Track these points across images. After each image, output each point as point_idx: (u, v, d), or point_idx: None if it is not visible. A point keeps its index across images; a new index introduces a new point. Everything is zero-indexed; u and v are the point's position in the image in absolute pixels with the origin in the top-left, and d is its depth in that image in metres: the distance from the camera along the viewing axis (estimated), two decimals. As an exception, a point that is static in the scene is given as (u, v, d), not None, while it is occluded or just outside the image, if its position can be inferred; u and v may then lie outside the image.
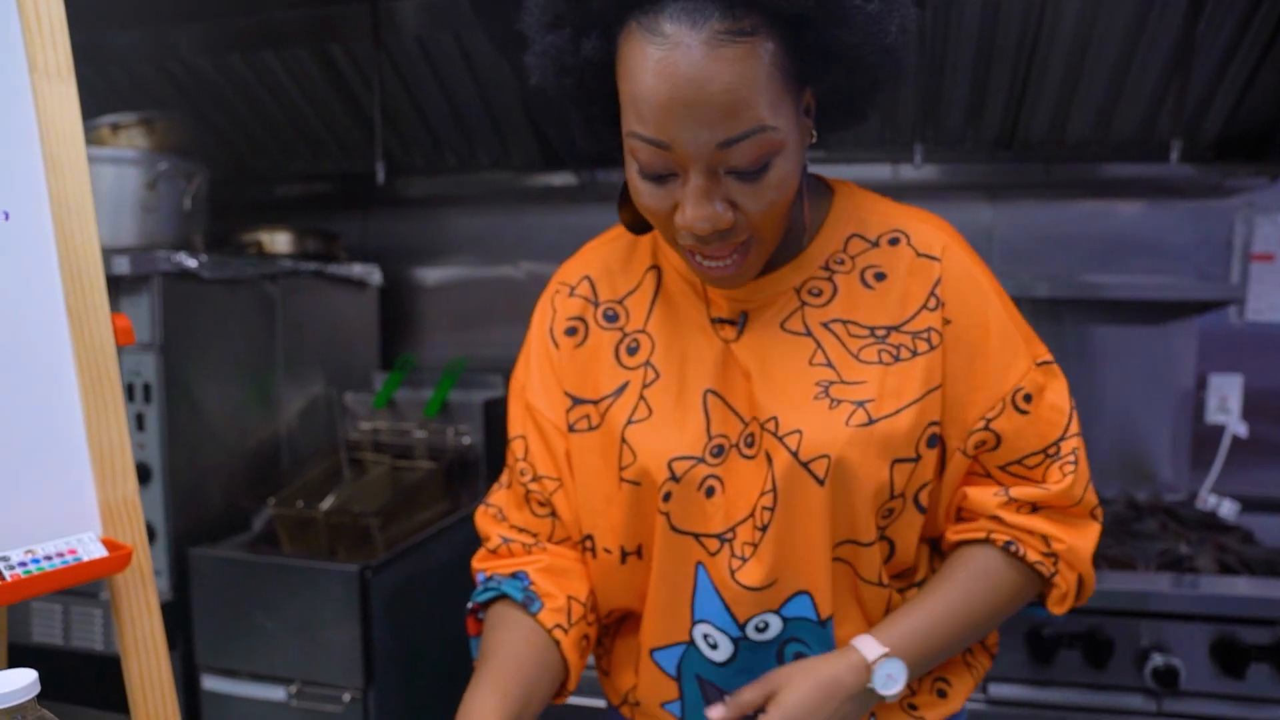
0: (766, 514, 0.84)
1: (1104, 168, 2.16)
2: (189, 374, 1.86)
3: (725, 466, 0.86)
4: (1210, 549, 1.75)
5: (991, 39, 1.93)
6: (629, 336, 0.93)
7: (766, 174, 0.76)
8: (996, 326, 0.88)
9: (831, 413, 0.83)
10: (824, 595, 0.86)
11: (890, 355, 0.86)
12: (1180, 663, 1.51)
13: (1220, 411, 2.22)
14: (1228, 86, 1.96)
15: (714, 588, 0.87)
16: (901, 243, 0.89)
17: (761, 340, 0.88)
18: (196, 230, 2.04)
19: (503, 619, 0.92)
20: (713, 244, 0.79)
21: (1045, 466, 0.89)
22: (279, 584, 1.77)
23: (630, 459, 0.87)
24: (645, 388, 0.90)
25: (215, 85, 2.29)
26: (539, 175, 2.35)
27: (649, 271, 0.95)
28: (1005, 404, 0.87)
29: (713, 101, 0.71)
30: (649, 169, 0.77)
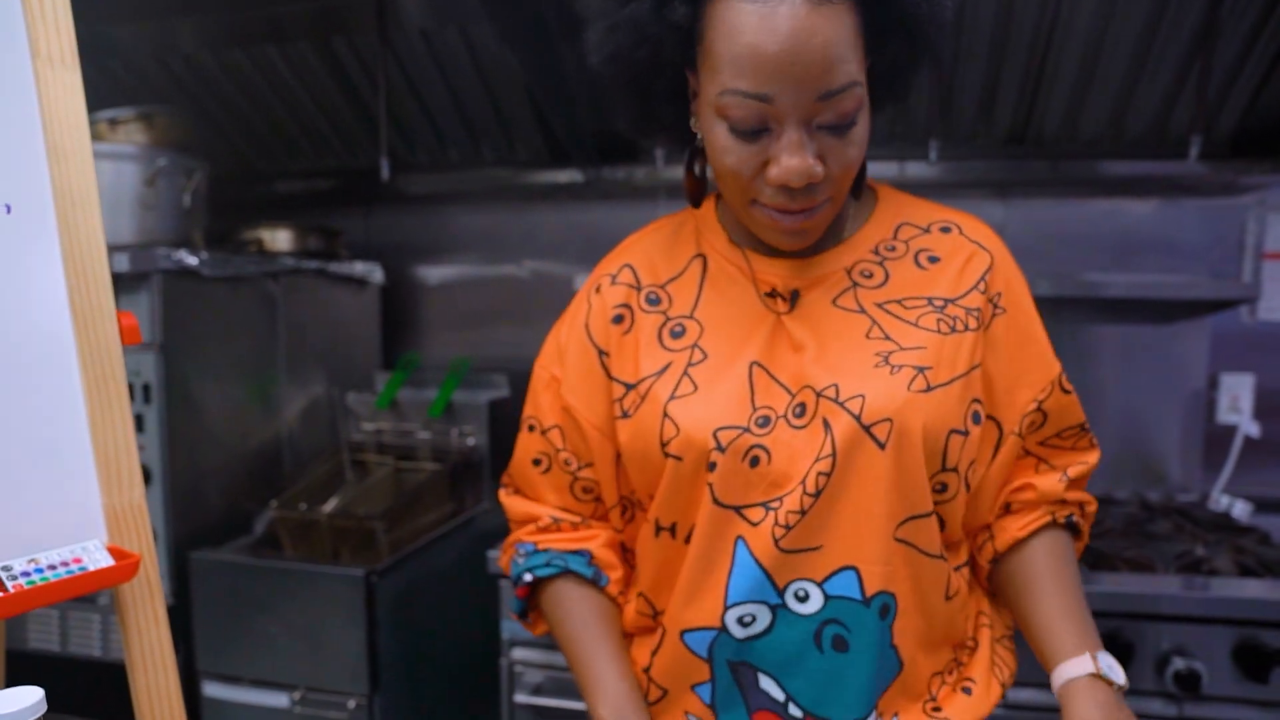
0: (822, 479, 0.83)
1: (1115, 165, 2.12)
2: (189, 374, 1.82)
3: (771, 436, 0.85)
4: (1227, 551, 1.72)
5: (1006, 33, 1.90)
6: (672, 320, 0.93)
7: (853, 130, 0.80)
8: (1037, 318, 0.96)
9: (893, 378, 0.85)
10: (872, 570, 0.85)
11: (947, 325, 0.89)
12: (1202, 667, 1.48)
13: (1232, 411, 2.20)
14: (1243, 82, 1.93)
15: (754, 560, 0.85)
16: (954, 231, 0.95)
17: (815, 314, 0.90)
18: (196, 227, 2.00)
19: (577, 593, 0.98)
20: (799, 199, 0.81)
21: (1078, 438, 0.98)
22: (282, 588, 1.74)
23: (673, 432, 0.87)
24: (691, 366, 0.90)
25: (216, 80, 2.25)
26: (544, 172, 2.32)
27: (694, 260, 0.96)
28: (1053, 386, 0.95)
29: (814, 56, 0.75)
30: (744, 124, 0.79)
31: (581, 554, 0.99)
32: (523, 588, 1.01)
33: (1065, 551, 0.97)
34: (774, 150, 0.79)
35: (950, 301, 0.90)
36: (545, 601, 1.01)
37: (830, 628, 0.85)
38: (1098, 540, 1.78)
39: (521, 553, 1.02)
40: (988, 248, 0.94)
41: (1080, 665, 0.85)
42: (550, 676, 1.70)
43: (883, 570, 0.85)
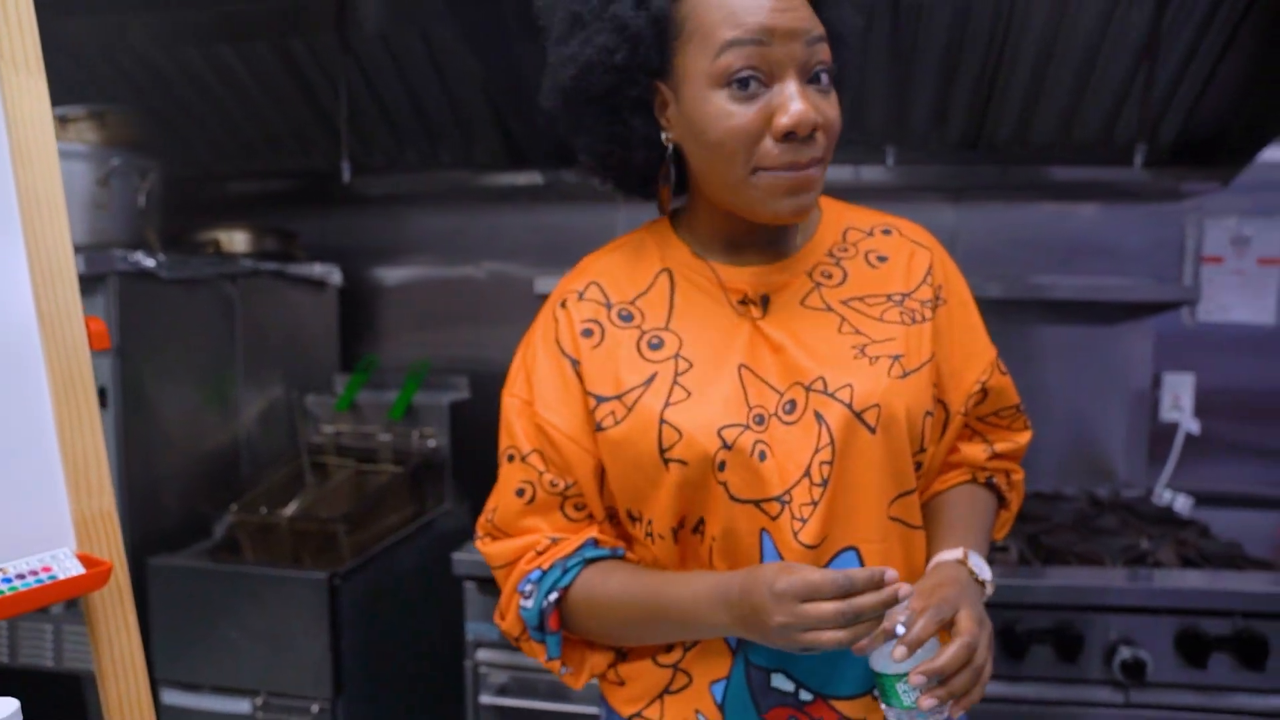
0: (826, 468, 0.87)
1: (1064, 171, 2.19)
2: (145, 377, 1.80)
3: (769, 433, 0.88)
4: (1170, 544, 1.79)
5: (960, 42, 1.95)
6: (648, 333, 0.94)
7: (832, 91, 0.87)
8: (974, 308, 1.04)
9: (873, 367, 0.91)
10: (871, 548, 0.90)
11: (909, 317, 0.96)
12: (1147, 655, 1.54)
13: (1174, 409, 2.28)
14: (1182, 95, 2.01)
15: (779, 554, 0.88)
16: (894, 233, 1.02)
17: (787, 316, 0.94)
18: (151, 228, 1.97)
19: (608, 568, 0.95)
20: (804, 152, 0.84)
21: (1013, 419, 1.09)
22: (243, 593, 1.73)
23: (675, 438, 0.88)
24: (679, 375, 0.91)
25: (170, 78, 2.22)
26: (503, 174, 2.31)
27: (660, 274, 0.98)
28: (992, 368, 1.04)
29: (796, 6, 0.83)
30: (745, 73, 0.83)
31: (587, 543, 0.96)
32: (554, 615, 0.93)
33: (976, 498, 1.06)
34: (777, 102, 0.83)
35: (907, 295, 0.97)
36: (576, 604, 0.94)
37: None
38: (1049, 536, 1.84)
39: (530, 583, 0.94)
40: (926, 245, 1.02)
41: (950, 553, 0.93)
42: (515, 677, 1.70)
43: (880, 548, 0.90)
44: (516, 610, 0.95)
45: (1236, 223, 2.24)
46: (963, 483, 1.07)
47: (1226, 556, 1.71)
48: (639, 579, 0.93)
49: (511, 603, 0.96)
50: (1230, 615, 1.55)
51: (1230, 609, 1.55)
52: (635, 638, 0.96)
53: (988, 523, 1.05)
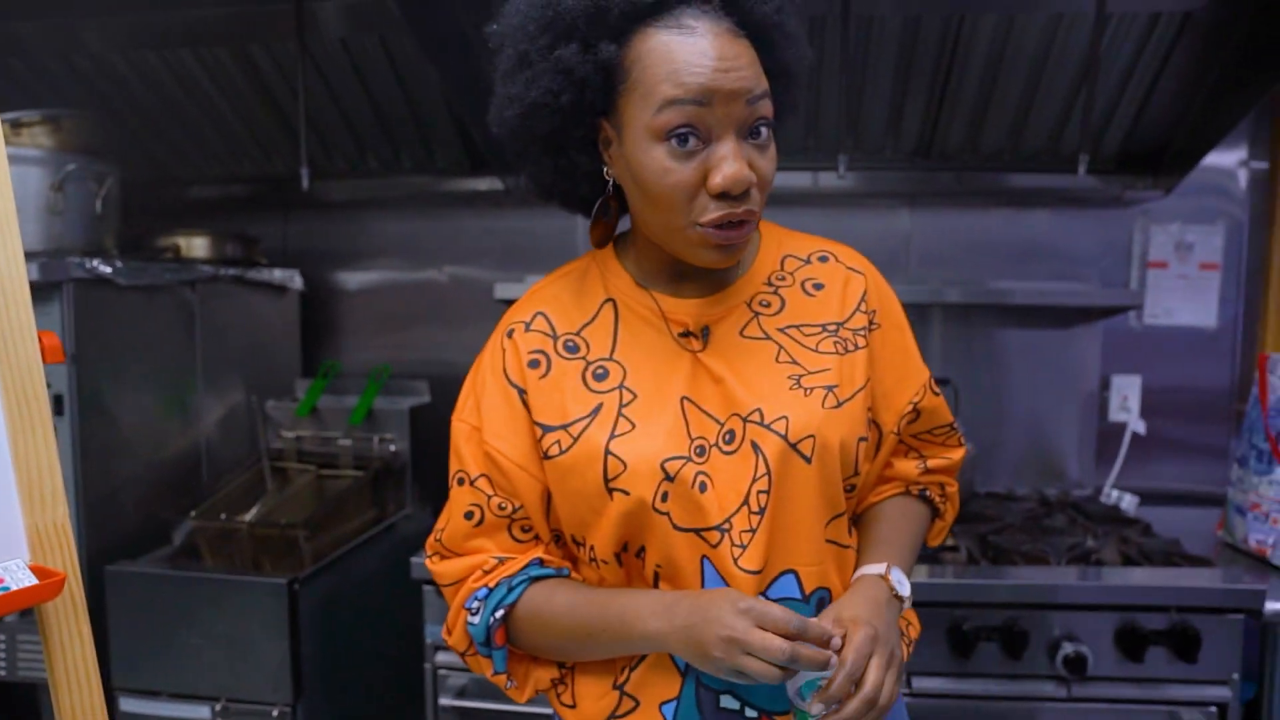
0: (763, 497, 0.90)
1: (1015, 178, 2.24)
2: (102, 384, 1.79)
3: (709, 464, 0.91)
4: (1114, 542, 1.84)
5: (911, 54, 2.00)
6: (593, 364, 0.96)
7: (770, 145, 0.89)
8: (908, 329, 1.07)
9: (808, 399, 0.93)
10: (809, 571, 0.93)
11: (842, 347, 0.98)
12: (1088, 650, 1.59)
13: (1122, 410, 2.35)
14: (1125, 108, 2.08)
15: (721, 580, 0.90)
16: (830, 260, 1.05)
17: (726, 347, 0.97)
18: (108, 234, 1.96)
19: (553, 585, 0.97)
20: (740, 209, 0.86)
21: (948, 436, 1.12)
22: (202, 599, 1.73)
23: (619, 469, 0.90)
24: (624, 407, 0.93)
25: (128, 82, 2.21)
26: (464, 179, 2.33)
27: (604, 304, 1.00)
28: (925, 389, 1.07)
29: (740, 66, 0.85)
30: (683, 131, 0.84)
31: (533, 562, 0.98)
32: (500, 631, 0.95)
33: (908, 511, 1.09)
34: (712, 160, 0.85)
35: (841, 325, 1.00)
36: (522, 620, 0.96)
37: None
38: (998, 536, 1.88)
39: (477, 600, 0.96)
40: (861, 270, 1.04)
41: (873, 568, 0.97)
42: (475, 679, 1.72)
43: (818, 570, 0.94)
44: (463, 626, 0.97)
45: (1179, 228, 2.31)
46: (895, 495, 1.10)
47: (1165, 554, 1.77)
48: (583, 594, 0.95)
49: (459, 619, 0.98)
50: (1166, 610, 1.60)
51: (1166, 604, 1.61)
52: (578, 651, 0.97)
53: (916, 535, 1.09)
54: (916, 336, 1.09)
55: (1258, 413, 1.86)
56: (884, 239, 2.35)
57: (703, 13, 0.85)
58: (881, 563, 0.97)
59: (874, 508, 1.08)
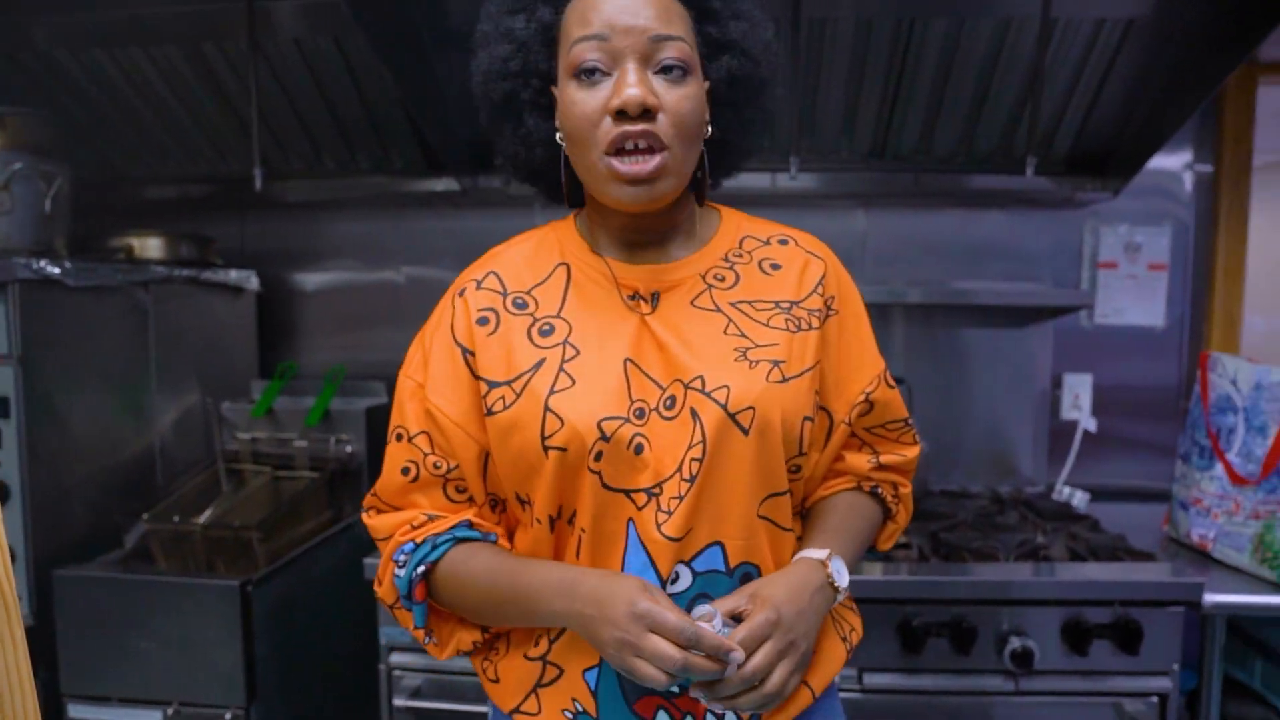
0: (695, 465, 0.91)
1: (968, 179, 2.28)
2: (52, 386, 1.77)
3: (648, 427, 0.92)
4: (1063, 538, 1.88)
5: (863, 57, 2.02)
6: (540, 320, 0.98)
7: (685, 84, 0.91)
8: (866, 320, 1.08)
9: (752, 371, 0.94)
10: (736, 545, 0.93)
11: (794, 325, 0.99)
12: (1035, 644, 1.62)
13: (1074, 408, 2.39)
14: (1074, 110, 2.12)
15: (641, 545, 0.91)
16: (790, 243, 1.07)
17: (675, 314, 0.98)
18: (59, 234, 1.94)
19: (475, 548, 0.99)
20: (639, 125, 0.88)
21: (902, 432, 1.11)
22: (153, 602, 1.71)
23: (556, 425, 0.91)
24: (566, 362, 0.95)
25: (76, 81, 2.18)
26: (421, 180, 2.32)
27: (558, 267, 1.02)
28: (879, 380, 1.07)
29: (647, 7, 0.90)
30: (586, 62, 0.90)
31: (461, 524, 1.00)
32: (420, 585, 0.98)
33: (857, 504, 1.08)
34: (614, 88, 0.89)
35: (795, 304, 1.01)
36: (442, 579, 0.98)
37: (700, 601, 0.91)
38: (949, 533, 1.91)
39: (403, 554, 0.99)
40: (821, 256, 1.06)
41: (814, 553, 0.96)
42: (429, 679, 1.72)
43: (745, 544, 0.93)
44: (391, 579, 0.99)
45: (1129, 230, 2.35)
46: (846, 490, 1.10)
47: (1110, 549, 1.81)
48: (500, 561, 0.97)
49: (387, 571, 1.00)
50: (1110, 604, 1.64)
51: (1110, 598, 1.64)
52: (492, 617, 0.99)
53: (864, 530, 1.08)
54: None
55: (1199, 410, 1.91)
56: (839, 240, 2.36)
57: None
58: (824, 549, 0.97)
59: (824, 500, 1.08)
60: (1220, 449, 1.84)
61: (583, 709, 0.96)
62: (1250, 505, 1.78)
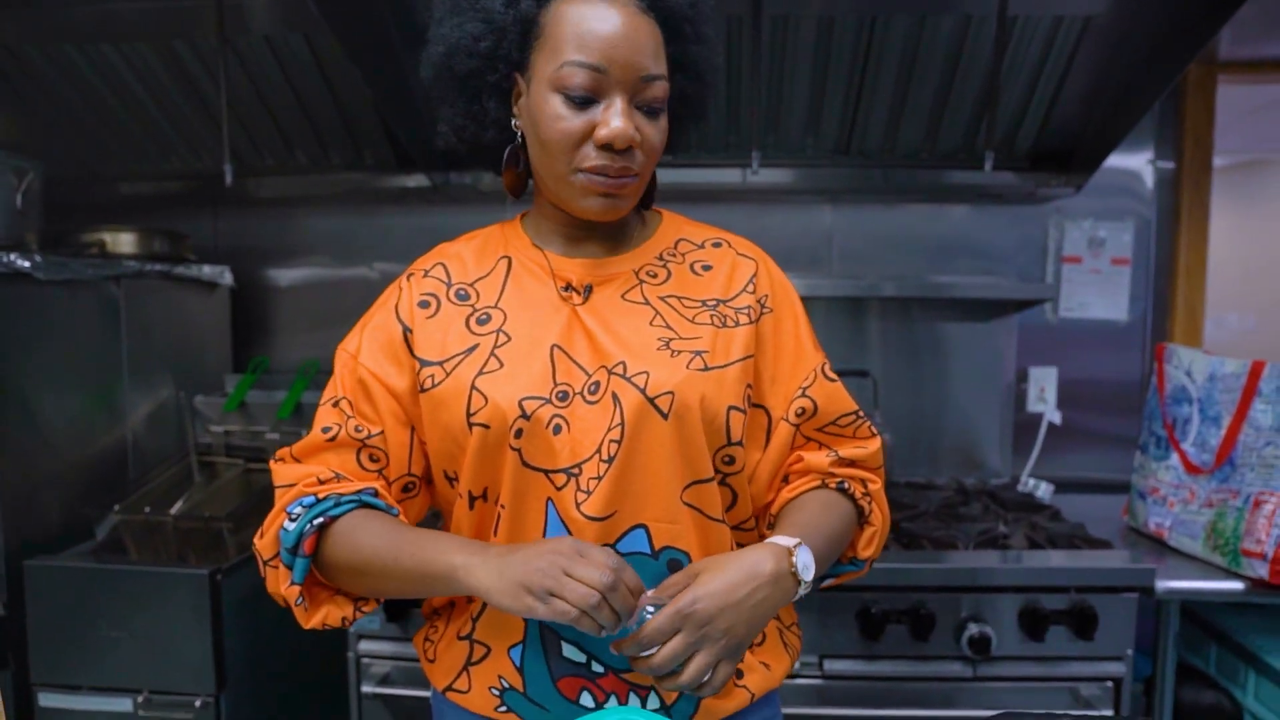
0: (614, 446, 0.93)
1: (934, 174, 2.31)
2: (21, 380, 1.79)
3: (570, 410, 0.95)
4: (1024, 527, 1.91)
5: (827, 54, 2.06)
6: (479, 310, 1.02)
7: (659, 118, 0.97)
8: (803, 318, 1.10)
9: (674, 360, 0.97)
10: (660, 527, 0.95)
11: (719, 321, 1.02)
12: (992, 631, 1.66)
13: (1039, 401, 2.43)
14: (1036, 105, 2.16)
15: (562, 524, 0.94)
16: (724, 246, 1.11)
17: (605, 305, 1.02)
18: (30, 230, 1.95)
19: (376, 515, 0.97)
20: (619, 162, 0.94)
21: (856, 426, 1.10)
22: (124, 592, 1.73)
23: (481, 403, 0.95)
24: (496, 348, 0.99)
25: (46, 76, 2.19)
26: (393, 177, 2.35)
27: (500, 260, 1.06)
28: (816, 374, 1.07)
29: (642, 44, 0.93)
30: (579, 91, 0.92)
31: (369, 489, 0.99)
32: (311, 539, 0.94)
33: (825, 499, 1.04)
34: (603, 117, 0.93)
35: (722, 302, 1.04)
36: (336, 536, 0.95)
37: None
38: (911, 523, 1.94)
39: (301, 505, 0.95)
40: (753, 257, 1.10)
41: (783, 539, 0.94)
42: (397, 667, 1.75)
43: (669, 528, 0.95)
44: (277, 530, 0.95)
45: (1092, 225, 2.39)
46: (814, 488, 1.06)
47: (1069, 537, 1.84)
48: (401, 529, 0.96)
49: (276, 522, 0.96)
50: (1066, 591, 1.68)
51: (1066, 585, 1.68)
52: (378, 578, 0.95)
53: (835, 525, 1.03)
54: (838, 330, 1.13)
55: (1155, 401, 1.94)
56: (806, 235, 2.41)
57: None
58: (794, 538, 0.94)
59: (793, 500, 1.06)
60: (1175, 439, 1.88)
61: (509, 685, 0.99)
62: (1204, 494, 1.81)
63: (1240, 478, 1.75)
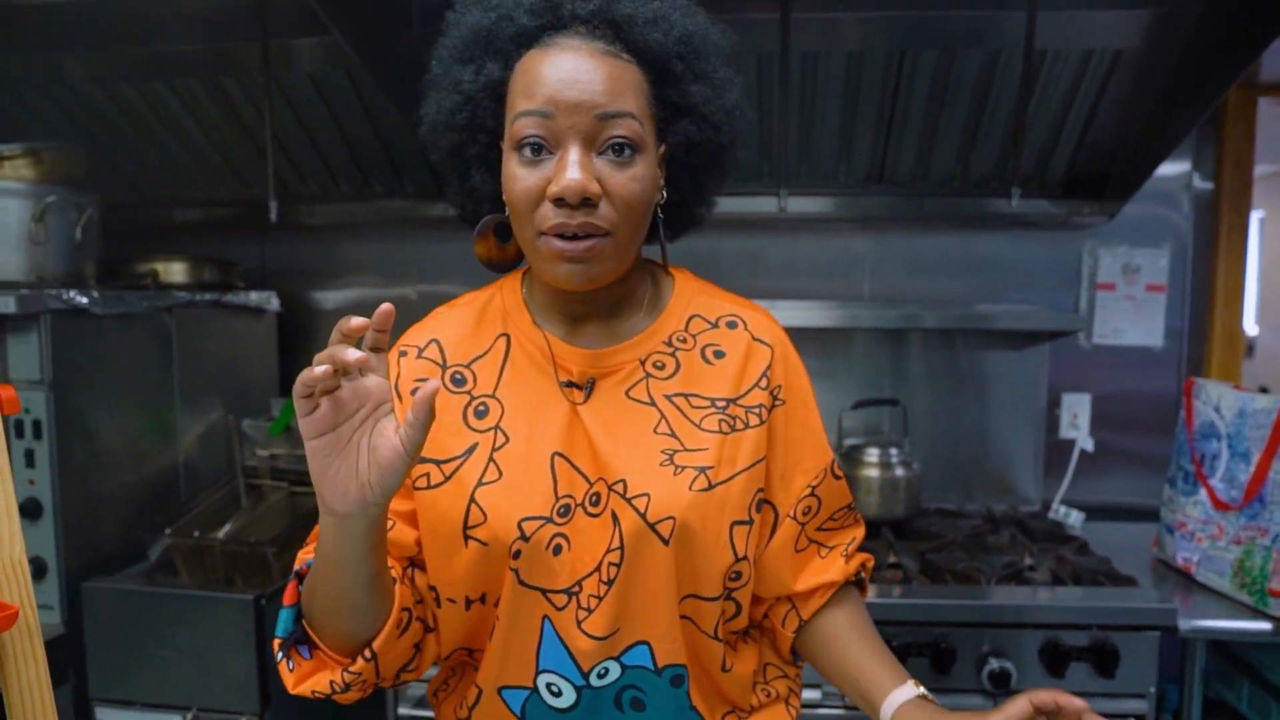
0: (613, 569, 0.90)
1: (966, 202, 2.32)
2: (81, 408, 1.88)
3: (571, 525, 0.91)
4: (1049, 560, 1.92)
5: (857, 88, 2.08)
6: (476, 400, 0.97)
7: (633, 165, 0.87)
8: (814, 407, 1.04)
9: (676, 478, 0.92)
10: (662, 646, 0.93)
11: (728, 425, 0.95)
12: (1013, 666, 1.67)
13: (1071, 428, 2.42)
14: (1068, 134, 2.15)
15: (560, 640, 0.92)
16: (739, 327, 1.02)
17: (607, 405, 0.95)
18: (88, 261, 2.05)
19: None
20: (577, 218, 0.85)
21: (846, 518, 1.08)
22: (174, 613, 1.82)
23: (480, 519, 0.91)
24: (495, 450, 0.94)
25: (107, 114, 2.30)
26: (432, 204, 2.42)
27: (499, 338, 1.00)
28: (826, 473, 1.03)
29: (593, 80, 0.85)
30: (527, 139, 0.85)
31: None
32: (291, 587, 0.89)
33: (859, 605, 1.07)
34: (556, 170, 0.85)
35: (732, 402, 0.97)
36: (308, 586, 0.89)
37: (629, 692, 0.94)
38: (936, 554, 1.96)
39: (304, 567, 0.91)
40: (769, 342, 1.01)
41: (908, 690, 0.95)
42: (432, 691, 1.81)
43: (671, 647, 0.93)
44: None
45: (1127, 251, 2.38)
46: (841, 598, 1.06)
47: (1093, 573, 1.85)
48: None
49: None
50: (1088, 628, 1.69)
51: (1088, 623, 1.69)
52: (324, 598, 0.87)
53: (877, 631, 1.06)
54: (871, 357, 1.11)
55: (1184, 435, 1.94)
56: (839, 262, 2.43)
57: (580, 35, 0.87)
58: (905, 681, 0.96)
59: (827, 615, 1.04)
60: (1203, 474, 1.88)
61: None
62: (1232, 531, 1.81)
63: (1269, 515, 1.74)
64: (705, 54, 0.93)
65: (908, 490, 2.17)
